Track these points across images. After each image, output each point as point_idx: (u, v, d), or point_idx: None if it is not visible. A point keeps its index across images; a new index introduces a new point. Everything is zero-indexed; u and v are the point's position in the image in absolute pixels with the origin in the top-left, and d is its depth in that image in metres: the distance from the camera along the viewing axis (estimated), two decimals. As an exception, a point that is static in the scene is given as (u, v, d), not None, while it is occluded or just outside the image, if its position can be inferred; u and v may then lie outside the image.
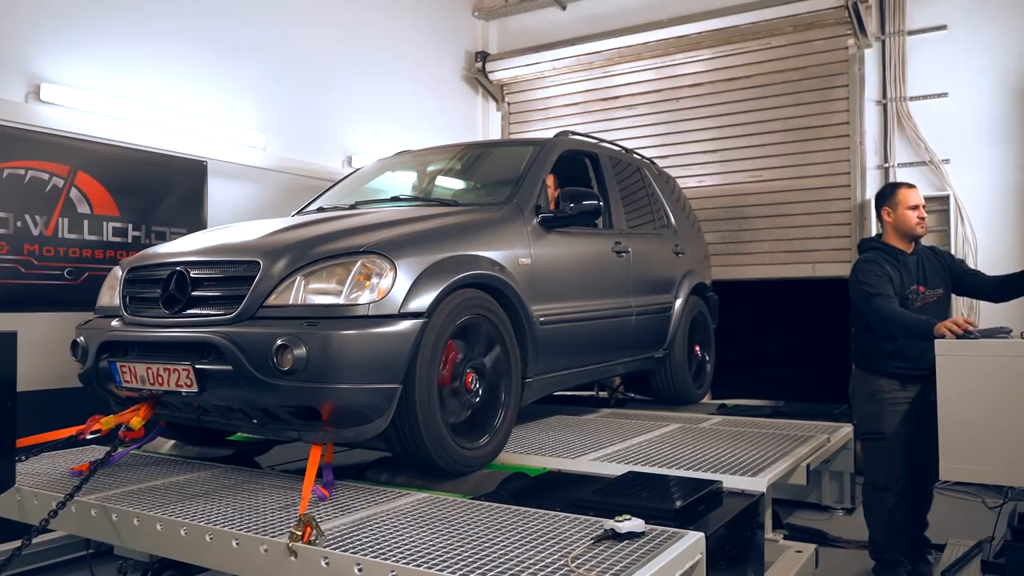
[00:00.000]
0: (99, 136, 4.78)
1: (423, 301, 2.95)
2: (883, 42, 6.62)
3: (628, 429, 4.22)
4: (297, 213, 4.48)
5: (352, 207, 4.13)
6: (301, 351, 2.68)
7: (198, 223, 5.29)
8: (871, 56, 6.68)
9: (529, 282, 3.61)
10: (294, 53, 6.24)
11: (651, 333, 4.93)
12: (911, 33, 6.51)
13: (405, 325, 2.87)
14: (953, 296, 4.34)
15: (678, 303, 5.20)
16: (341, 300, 2.83)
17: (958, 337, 3.32)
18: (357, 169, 5.16)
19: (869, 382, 4.01)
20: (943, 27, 6.36)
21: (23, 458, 3.14)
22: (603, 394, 6.19)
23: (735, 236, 7.10)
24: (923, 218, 4.04)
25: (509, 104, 8.47)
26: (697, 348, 5.53)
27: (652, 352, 5.00)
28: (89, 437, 3.19)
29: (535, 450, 3.65)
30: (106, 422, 3.15)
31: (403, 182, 4.78)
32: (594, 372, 4.45)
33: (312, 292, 2.87)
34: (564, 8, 8.14)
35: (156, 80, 5.18)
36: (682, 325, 5.20)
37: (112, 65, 4.91)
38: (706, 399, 5.83)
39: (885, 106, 6.59)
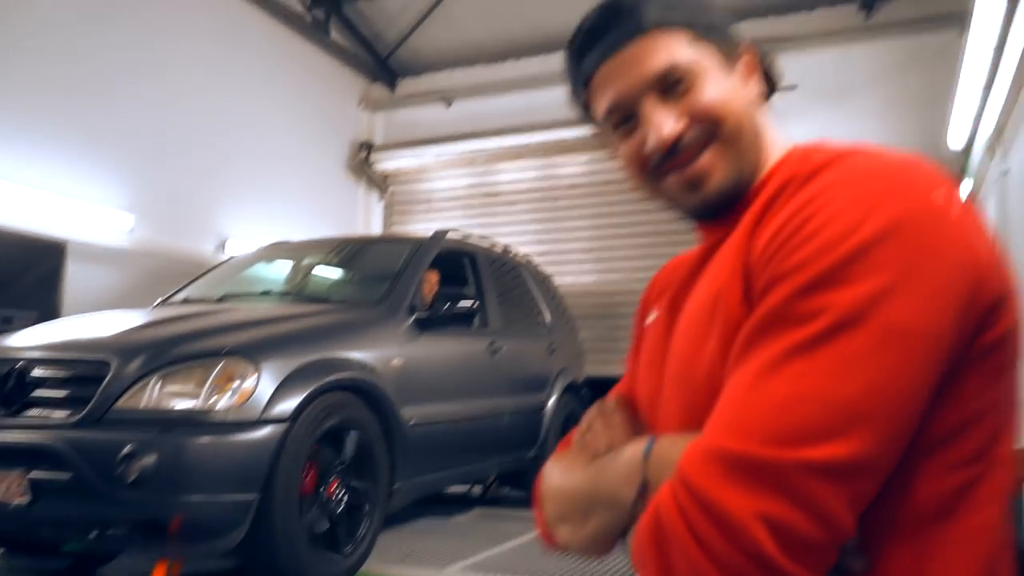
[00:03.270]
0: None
1: (287, 406, 2.85)
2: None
3: (499, 533, 4.15)
4: (162, 302, 4.28)
5: (220, 300, 3.99)
6: (151, 459, 2.52)
7: (52, 308, 4.97)
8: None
9: (401, 384, 3.56)
10: (171, 132, 6.08)
11: (524, 433, 4.93)
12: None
13: (266, 431, 2.76)
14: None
15: (551, 402, 5.23)
16: (199, 404, 2.70)
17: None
18: (230, 258, 5.02)
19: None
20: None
21: None
22: (476, 491, 6.10)
23: (610, 333, 7.29)
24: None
25: (392, 195, 8.52)
26: (570, 446, 5.56)
27: (525, 452, 4.99)
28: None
29: (401, 559, 3.54)
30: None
31: (277, 275, 4.68)
32: (465, 475, 4.39)
33: (168, 395, 2.72)
34: (450, 105, 8.34)
35: (14, 155, 4.91)
36: (555, 424, 5.23)
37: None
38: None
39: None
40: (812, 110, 6.88)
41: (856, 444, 0.61)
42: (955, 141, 5.20)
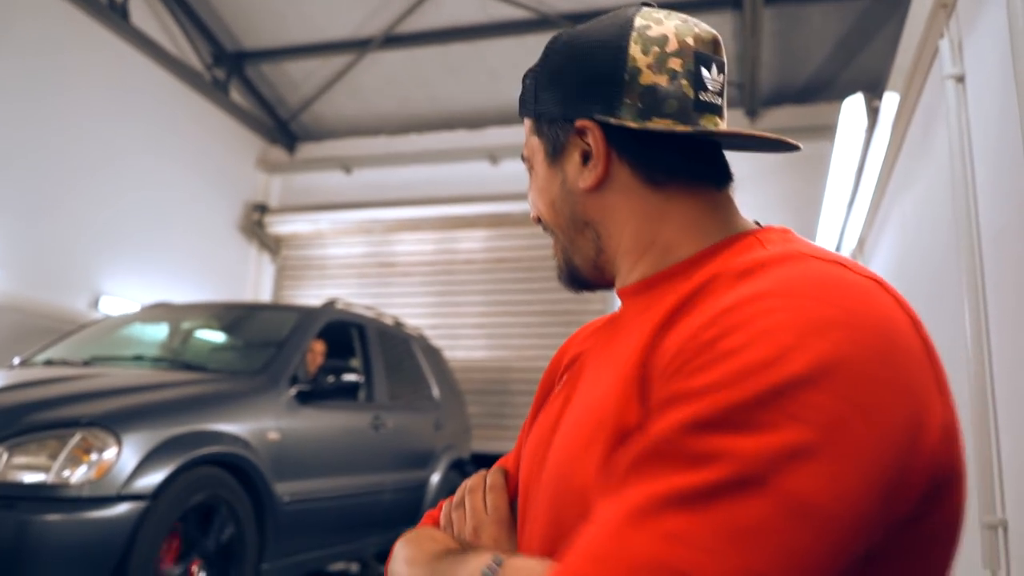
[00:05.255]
0: None
1: (150, 481, 2.70)
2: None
3: (372, 617, 4.00)
4: (20, 363, 4.01)
5: (87, 363, 3.78)
6: (-10, 537, 2.32)
7: None
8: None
9: (277, 459, 3.43)
10: (50, 179, 5.78)
11: (406, 510, 4.81)
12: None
13: (123, 508, 2.59)
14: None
15: (435, 478, 5.15)
16: (50, 478, 2.51)
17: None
18: (105, 317, 4.77)
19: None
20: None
21: None
22: (354, 569, 5.88)
23: (499, 409, 7.28)
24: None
25: (285, 259, 8.36)
26: (453, 525, 5.46)
27: (406, 529, 4.85)
28: None
29: (265, 646, 3.34)
30: None
31: (153, 338, 4.47)
32: (342, 554, 4.23)
33: (15, 467, 2.53)
34: (349, 173, 8.33)
35: None
36: (438, 500, 5.13)
37: None
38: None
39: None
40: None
41: None
42: (825, 245, 5.54)
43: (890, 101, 3.07)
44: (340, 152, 8.41)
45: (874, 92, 3.58)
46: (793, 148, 0.76)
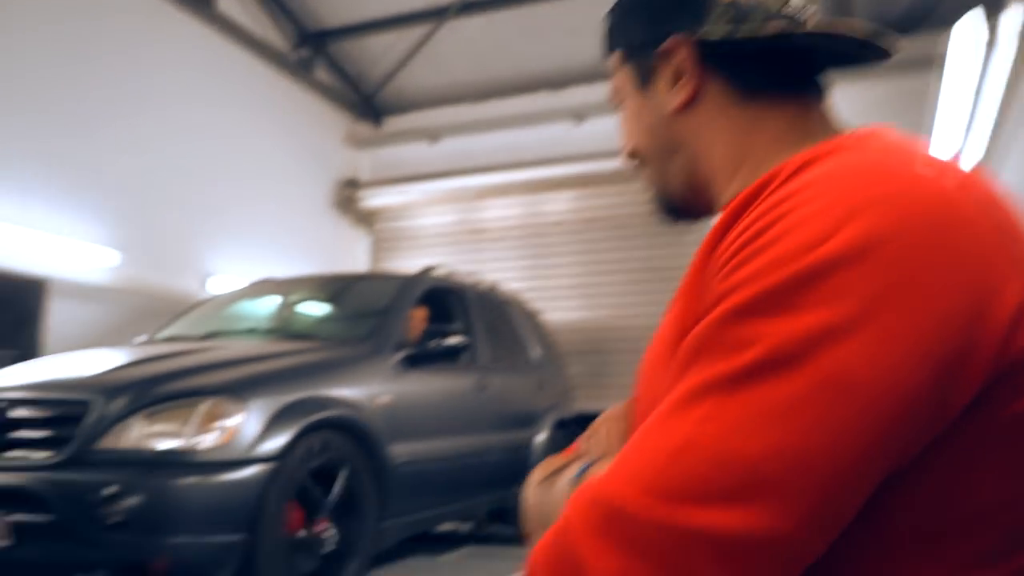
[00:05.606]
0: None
1: (274, 444, 2.81)
2: (729, 192, 7.18)
3: (491, 571, 4.10)
4: (145, 341, 4.24)
5: (205, 338, 3.95)
6: (134, 500, 2.47)
7: (32, 347, 4.90)
8: (718, 204, 7.21)
9: (388, 421, 3.53)
10: (156, 169, 6.06)
11: (513, 469, 4.87)
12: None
13: (252, 471, 2.71)
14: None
15: (540, 438, 5.20)
16: (183, 444, 2.65)
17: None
18: (216, 295, 4.98)
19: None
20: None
21: None
22: (466, 528, 6.02)
23: (599, 369, 7.28)
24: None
25: (378, 232, 8.52)
26: (559, 483, 5.50)
27: (514, 489, 4.93)
28: None
29: (389, 600, 3.46)
30: None
31: (262, 312, 4.64)
32: (454, 513, 4.34)
33: (151, 435, 2.68)
34: (435, 143, 8.40)
35: (-1, 194, 4.88)
36: (544, 460, 5.18)
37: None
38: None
39: (731, 250, 7.08)
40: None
41: (756, 516, 0.48)
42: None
43: (1015, 15, 2.86)
44: (424, 123, 8.48)
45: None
46: (887, 54, 0.74)
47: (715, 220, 0.81)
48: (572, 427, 5.84)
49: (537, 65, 7.81)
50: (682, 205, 0.83)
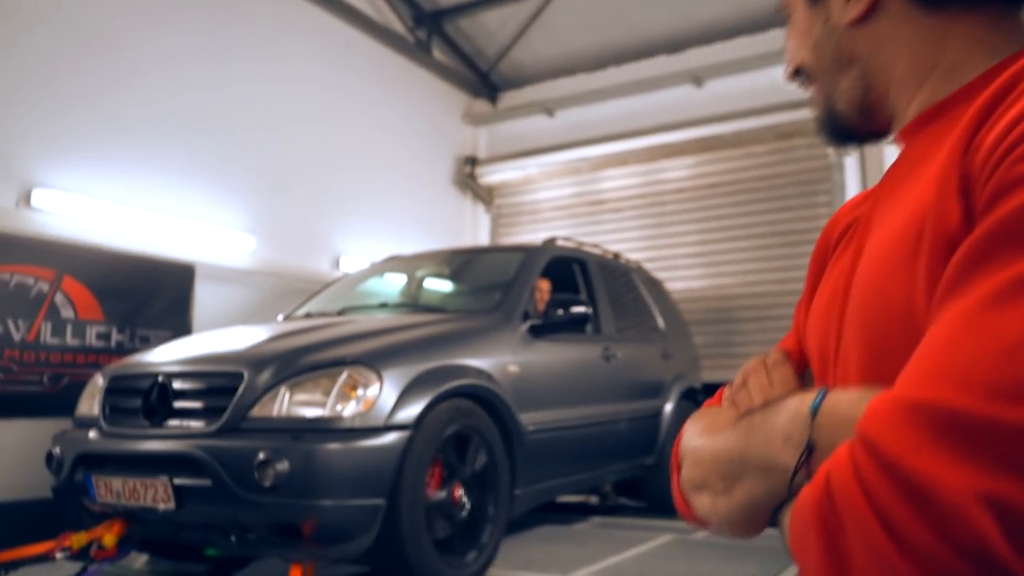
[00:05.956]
0: (88, 240, 4.78)
1: (410, 412, 2.90)
2: (861, 151, 6.81)
3: (619, 541, 4.09)
4: (285, 318, 4.45)
5: (340, 313, 4.11)
6: (284, 466, 2.60)
7: (184, 327, 5.24)
8: (851, 164, 6.85)
9: (518, 390, 3.57)
10: (285, 156, 6.35)
11: (641, 439, 4.85)
12: (888, 143, 6.68)
13: (391, 438, 2.81)
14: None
15: (668, 407, 5.14)
16: (326, 412, 2.77)
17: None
18: (346, 274, 5.17)
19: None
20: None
21: (-12, 578, 3.00)
22: (594, 500, 6.05)
23: (725, 338, 7.10)
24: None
25: (498, 207, 8.60)
26: (689, 454, 5.42)
27: (643, 459, 4.91)
28: (59, 556, 3.05)
29: (524, 565, 3.52)
30: (77, 539, 3.02)
31: (392, 287, 4.79)
32: (584, 481, 4.35)
33: (297, 404, 2.81)
34: (552, 115, 8.37)
35: (148, 184, 5.23)
36: (673, 430, 5.12)
37: (104, 169, 4.96)
38: (699, 506, 5.69)
39: (867, 211, 6.72)
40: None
41: None
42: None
43: None
44: (541, 96, 8.46)
45: None
46: None
47: (886, 142, 0.77)
48: (700, 396, 5.74)
49: (653, 28, 7.63)
50: (851, 124, 0.79)
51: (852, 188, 6.83)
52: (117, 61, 5.10)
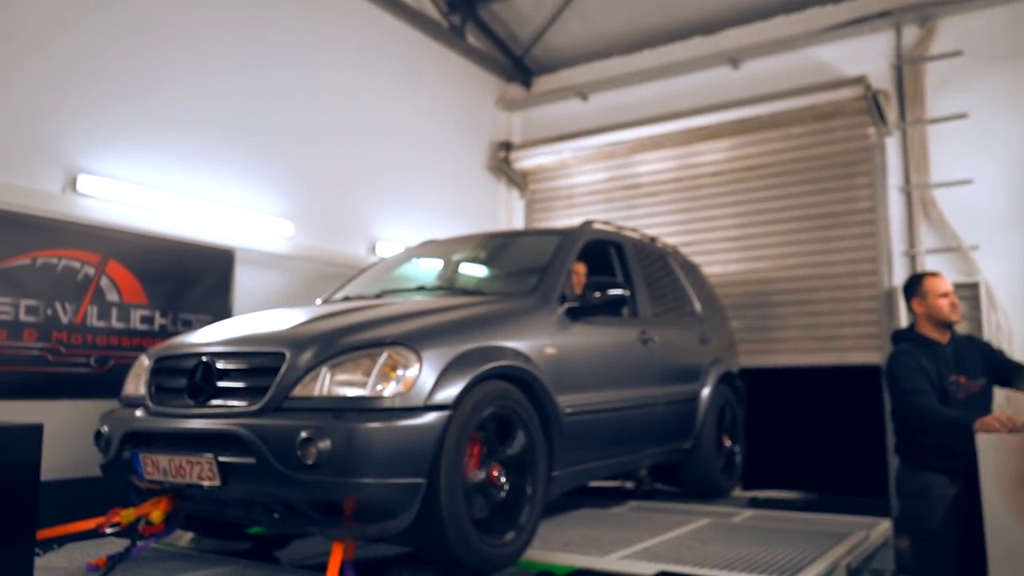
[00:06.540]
0: (131, 225, 4.88)
1: (449, 393, 2.91)
2: (904, 131, 6.68)
3: (657, 524, 4.09)
4: (323, 302, 4.50)
5: (378, 296, 4.15)
6: (326, 444, 2.64)
7: (225, 311, 5.33)
8: (892, 144, 6.73)
9: (555, 372, 3.57)
10: (321, 143, 6.40)
11: (678, 423, 4.83)
12: (932, 122, 6.56)
13: (431, 418, 2.83)
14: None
15: (705, 392, 5.11)
16: (367, 392, 2.80)
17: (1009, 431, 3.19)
18: (383, 258, 5.21)
19: (916, 478, 3.86)
20: (963, 115, 6.40)
21: (40, 552, 3.08)
22: (629, 485, 6.04)
23: (761, 323, 7.04)
24: (955, 304, 3.97)
25: (533, 192, 8.59)
26: (726, 438, 5.40)
27: (680, 443, 4.89)
28: (108, 531, 3.13)
29: (562, 547, 3.54)
30: (125, 515, 3.10)
31: (428, 271, 4.81)
32: (621, 464, 4.35)
33: (338, 384, 2.84)
34: (586, 99, 8.33)
35: (189, 171, 5.31)
36: (710, 415, 5.10)
37: (146, 156, 5.05)
38: (736, 490, 5.67)
39: (909, 193, 6.60)
40: (980, 77, 6.38)
41: None
42: None
43: None
44: (575, 80, 8.43)
45: None
46: None
47: None
48: (737, 382, 5.70)
49: (688, 10, 7.55)
50: None
51: (894, 169, 6.71)
52: (161, 53, 5.18)
